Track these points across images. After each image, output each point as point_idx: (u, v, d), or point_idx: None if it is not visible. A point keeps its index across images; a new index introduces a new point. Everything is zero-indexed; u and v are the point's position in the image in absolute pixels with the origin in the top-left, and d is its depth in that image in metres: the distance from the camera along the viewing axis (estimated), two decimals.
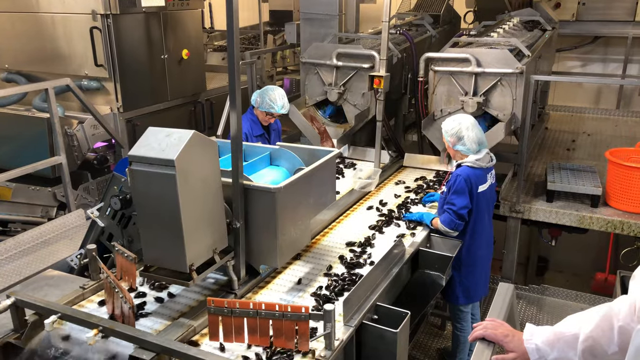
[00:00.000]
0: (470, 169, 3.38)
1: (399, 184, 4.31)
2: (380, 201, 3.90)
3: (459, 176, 3.36)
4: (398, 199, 4.00)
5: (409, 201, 3.90)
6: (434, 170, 4.58)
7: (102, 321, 2.28)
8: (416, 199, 3.94)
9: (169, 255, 2.42)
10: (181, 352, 2.07)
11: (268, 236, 2.66)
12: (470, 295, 3.60)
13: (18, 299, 2.43)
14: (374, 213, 3.74)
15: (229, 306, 2.19)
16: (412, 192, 4.11)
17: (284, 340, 2.20)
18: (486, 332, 1.62)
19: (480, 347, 1.58)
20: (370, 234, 3.38)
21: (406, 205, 3.82)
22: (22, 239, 3.97)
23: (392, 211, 3.72)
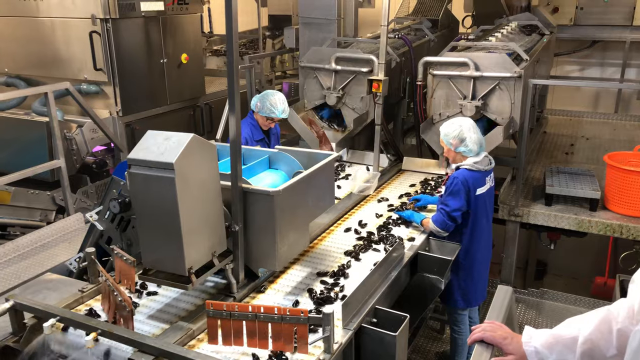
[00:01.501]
0: (468, 171, 3.39)
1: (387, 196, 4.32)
2: (381, 198, 3.91)
3: (456, 178, 3.37)
4: (401, 199, 4.01)
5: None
6: (433, 173, 4.58)
7: (100, 324, 2.28)
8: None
9: (168, 259, 2.42)
10: (180, 355, 2.07)
11: (267, 239, 2.66)
12: (468, 299, 3.60)
13: (17, 302, 2.43)
14: (371, 219, 3.73)
15: (228, 309, 2.19)
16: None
17: (283, 344, 2.19)
18: (485, 335, 1.62)
19: (479, 350, 1.58)
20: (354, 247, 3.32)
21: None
22: (21, 243, 3.96)
23: (382, 226, 3.63)
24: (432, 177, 4.49)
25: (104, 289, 2.54)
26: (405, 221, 3.58)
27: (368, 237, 3.37)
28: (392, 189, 4.32)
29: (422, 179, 4.46)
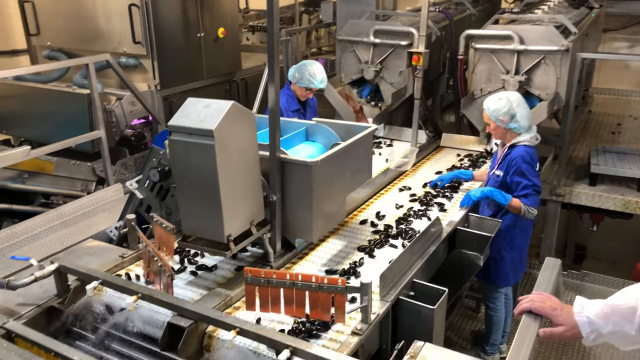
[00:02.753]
0: (529, 147, 3.31)
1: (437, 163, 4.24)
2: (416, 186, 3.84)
3: (522, 156, 3.25)
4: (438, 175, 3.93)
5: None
6: (473, 150, 4.47)
7: (141, 288, 2.31)
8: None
9: (207, 226, 2.43)
10: (219, 319, 2.09)
11: (304, 210, 2.65)
12: (507, 276, 3.52)
13: (61, 265, 2.49)
14: (406, 194, 3.65)
15: (266, 276, 2.19)
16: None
17: (320, 312, 2.19)
18: (533, 305, 1.57)
19: (526, 321, 1.53)
20: (403, 213, 3.32)
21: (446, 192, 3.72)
22: (64, 211, 4.07)
23: (429, 193, 3.63)
24: (471, 154, 4.38)
25: (144, 254, 2.58)
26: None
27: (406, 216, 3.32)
28: (431, 165, 4.25)
29: (461, 156, 4.36)
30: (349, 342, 2.11)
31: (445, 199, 3.52)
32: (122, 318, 2.34)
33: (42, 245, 3.67)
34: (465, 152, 4.44)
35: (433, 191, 3.64)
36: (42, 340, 2.17)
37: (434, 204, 3.43)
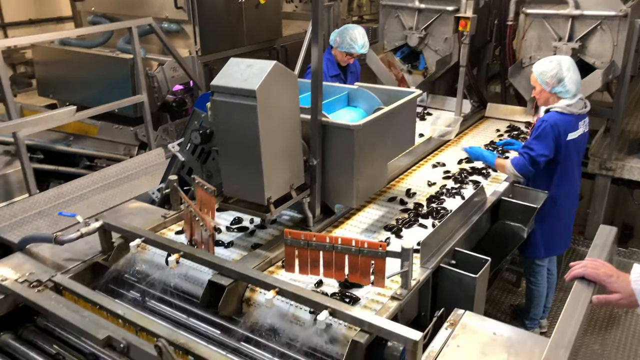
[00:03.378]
0: (559, 115, 3.13)
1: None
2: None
3: (545, 122, 3.12)
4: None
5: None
6: (518, 121, 4.32)
7: (183, 247, 2.34)
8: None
9: (248, 188, 2.44)
10: (258, 279, 2.10)
11: (345, 175, 2.62)
12: (550, 248, 3.42)
13: (105, 223, 2.54)
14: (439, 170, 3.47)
15: (306, 239, 2.18)
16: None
17: (360, 276, 2.17)
18: (586, 271, 1.50)
19: (579, 287, 1.47)
20: (435, 191, 3.18)
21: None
22: (107, 173, 4.15)
23: (464, 170, 3.41)
24: (517, 125, 4.23)
25: (186, 215, 2.60)
26: None
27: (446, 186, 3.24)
28: (474, 135, 4.13)
29: (507, 127, 4.22)
30: (389, 307, 2.09)
31: (482, 176, 3.34)
32: (164, 275, 2.38)
33: (87, 206, 3.76)
34: (509, 124, 4.29)
35: (469, 168, 3.45)
36: (88, 294, 2.24)
37: (469, 182, 3.25)
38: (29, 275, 2.38)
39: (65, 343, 2.30)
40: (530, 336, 1.98)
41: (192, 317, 2.31)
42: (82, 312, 2.11)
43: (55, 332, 2.34)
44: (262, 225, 2.74)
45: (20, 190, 3.95)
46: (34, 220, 3.53)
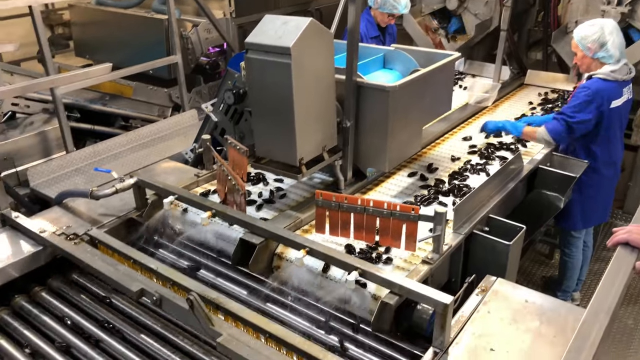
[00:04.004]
0: (602, 81, 2.99)
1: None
2: None
3: (587, 89, 2.99)
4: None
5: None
6: (559, 89, 4.17)
7: (215, 205, 2.36)
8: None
9: (280, 148, 2.42)
10: (289, 238, 2.10)
11: (378, 138, 2.58)
12: (587, 220, 3.33)
13: (140, 180, 2.57)
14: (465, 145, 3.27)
15: (337, 200, 2.17)
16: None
17: (391, 239, 2.15)
18: (631, 237, 1.45)
19: (622, 253, 1.42)
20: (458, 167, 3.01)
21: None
22: (142, 133, 4.19)
23: (491, 145, 3.22)
24: (557, 93, 4.08)
25: (218, 174, 2.61)
26: None
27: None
28: (511, 103, 4.00)
29: (546, 95, 4.07)
30: (419, 270, 2.07)
31: (510, 152, 3.13)
32: (196, 232, 2.41)
33: (122, 164, 3.82)
34: (549, 92, 4.14)
35: (496, 142, 3.26)
36: (122, 248, 2.28)
37: (495, 158, 3.06)
38: (66, 229, 2.44)
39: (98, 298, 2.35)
40: (563, 305, 1.94)
41: (221, 276, 2.34)
42: (117, 266, 2.15)
43: (87, 288, 2.39)
44: (270, 200, 2.69)
45: (58, 148, 4.03)
46: (70, 177, 3.61)
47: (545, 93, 4.12)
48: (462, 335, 1.80)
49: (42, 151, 3.99)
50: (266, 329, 1.77)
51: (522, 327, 1.81)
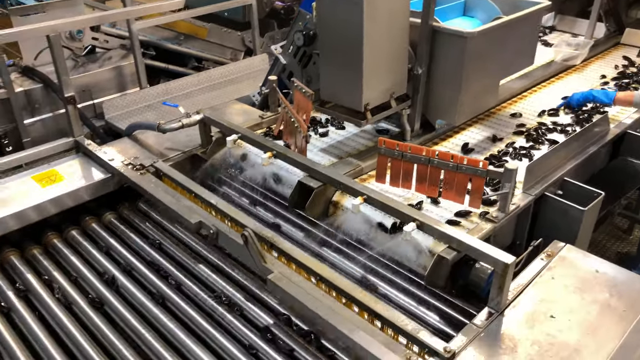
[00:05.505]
0: None
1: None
2: None
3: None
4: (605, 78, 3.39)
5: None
6: None
7: (276, 146, 2.34)
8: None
9: (346, 92, 2.35)
10: (347, 184, 2.05)
11: (451, 88, 2.44)
12: None
13: (206, 116, 2.59)
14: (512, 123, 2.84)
15: (401, 149, 2.08)
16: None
17: (454, 194, 2.05)
18: None
19: None
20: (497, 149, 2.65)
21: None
22: (213, 74, 4.24)
23: (542, 125, 2.78)
24: None
25: (282, 116, 2.58)
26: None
27: None
28: (601, 64, 3.67)
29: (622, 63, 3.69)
30: (482, 228, 1.97)
31: (564, 134, 2.66)
32: (256, 172, 2.41)
33: (191, 103, 3.89)
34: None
35: (550, 123, 2.79)
36: (185, 182, 2.32)
37: (545, 141, 2.61)
38: (133, 159, 2.51)
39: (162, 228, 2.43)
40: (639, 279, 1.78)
41: (277, 217, 2.34)
42: (179, 198, 2.20)
43: (151, 217, 2.47)
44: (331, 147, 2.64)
45: (132, 84, 4.17)
46: (142, 112, 3.72)
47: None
48: (521, 298, 1.71)
49: (117, 86, 4.13)
50: (317, 271, 1.76)
51: (588, 298, 1.69)
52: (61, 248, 2.21)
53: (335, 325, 1.56)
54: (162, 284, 1.99)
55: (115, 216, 2.43)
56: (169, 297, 1.93)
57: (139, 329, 1.79)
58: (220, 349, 1.72)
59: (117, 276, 2.04)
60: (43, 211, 2.24)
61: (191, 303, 1.90)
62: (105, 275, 2.04)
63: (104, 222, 2.39)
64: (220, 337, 1.75)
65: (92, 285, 2.01)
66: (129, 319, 1.83)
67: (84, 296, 1.95)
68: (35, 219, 2.23)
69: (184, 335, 1.76)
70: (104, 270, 2.07)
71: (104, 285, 1.99)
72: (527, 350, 1.53)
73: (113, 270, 2.07)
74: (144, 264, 2.10)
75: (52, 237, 2.26)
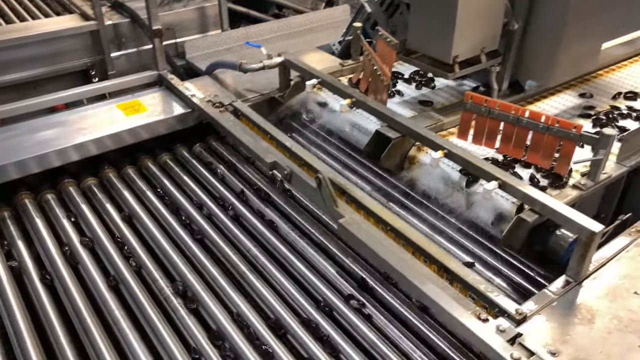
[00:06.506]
0: None
1: None
2: None
3: None
4: None
5: None
6: None
7: (356, 93, 2.29)
8: None
9: (434, 43, 2.26)
10: (427, 137, 1.99)
11: (548, 47, 2.28)
12: None
13: (287, 59, 2.58)
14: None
15: (488, 105, 1.98)
16: None
17: (540, 157, 1.94)
18: None
19: None
20: None
21: None
22: (293, 22, 4.19)
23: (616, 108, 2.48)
24: None
25: (364, 64, 2.52)
26: None
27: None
28: None
29: None
30: (567, 194, 1.87)
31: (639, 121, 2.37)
32: (333, 119, 2.39)
33: (270, 49, 3.86)
34: None
35: (625, 107, 2.46)
36: (262, 122, 2.33)
37: (615, 128, 2.31)
38: (213, 97, 2.54)
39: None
40: None
41: (350, 166, 2.31)
42: (255, 137, 2.21)
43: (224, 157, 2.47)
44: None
45: (214, 25, 4.19)
46: (223, 54, 3.74)
47: None
48: (603, 271, 1.61)
49: (199, 26, 4.17)
50: (388, 221, 1.73)
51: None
52: (135, 179, 2.20)
53: (404, 274, 1.54)
54: (231, 224, 1.97)
55: (187, 151, 2.43)
56: (237, 236, 1.89)
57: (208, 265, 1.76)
58: (276, 283, 1.70)
59: (183, 210, 2.04)
60: (124, 139, 2.30)
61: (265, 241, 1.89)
62: (172, 206, 2.03)
63: (176, 156, 2.40)
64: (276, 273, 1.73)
65: (163, 217, 2.00)
66: (200, 256, 1.81)
67: (160, 228, 1.96)
68: (116, 147, 2.28)
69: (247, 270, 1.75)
70: (173, 202, 2.07)
71: (174, 218, 1.97)
72: (606, 324, 1.45)
73: (185, 203, 2.07)
74: (212, 200, 2.08)
75: (127, 167, 2.26)
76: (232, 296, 1.62)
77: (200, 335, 1.50)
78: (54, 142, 2.16)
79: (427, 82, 2.66)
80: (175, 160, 2.36)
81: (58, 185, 2.12)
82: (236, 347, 1.46)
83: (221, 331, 1.51)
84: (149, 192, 2.11)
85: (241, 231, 1.88)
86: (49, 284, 1.70)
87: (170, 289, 1.64)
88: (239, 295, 1.63)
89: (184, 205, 2.03)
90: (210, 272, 1.72)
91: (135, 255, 1.79)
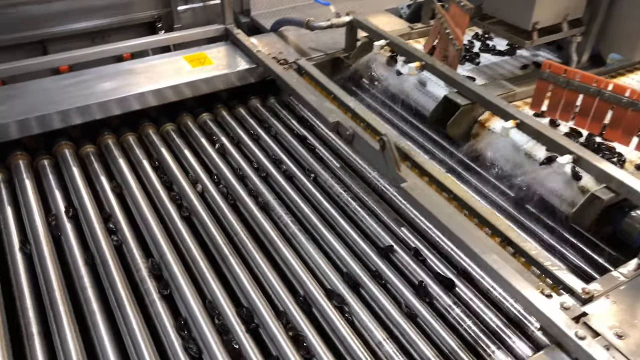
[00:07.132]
0: None
1: None
2: None
3: None
4: None
5: None
6: None
7: (425, 57, 2.22)
8: None
9: (513, 8, 2.14)
10: (499, 106, 1.90)
11: (638, 18, 2.12)
12: None
13: (355, 19, 2.51)
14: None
15: (567, 76, 1.87)
16: None
17: (620, 135, 1.83)
18: None
19: None
20: None
21: None
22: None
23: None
24: None
25: (435, 27, 2.44)
26: None
27: None
28: None
29: None
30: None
31: None
32: (399, 82, 2.32)
33: (337, 9, 3.79)
34: None
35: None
36: (325, 82, 2.29)
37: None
38: (278, 54, 2.51)
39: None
40: None
41: (415, 131, 2.26)
42: (319, 96, 2.18)
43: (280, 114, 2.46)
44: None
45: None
46: (288, 13, 3.69)
47: None
48: None
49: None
50: (452, 188, 1.69)
51: None
52: (192, 129, 2.23)
53: (466, 243, 1.49)
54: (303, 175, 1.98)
55: (245, 109, 2.43)
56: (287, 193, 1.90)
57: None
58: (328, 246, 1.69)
59: (238, 166, 2.03)
60: (191, 90, 2.31)
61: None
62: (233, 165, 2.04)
63: (234, 112, 2.40)
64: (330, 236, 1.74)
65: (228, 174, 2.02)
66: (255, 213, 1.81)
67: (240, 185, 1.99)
68: (179, 98, 2.30)
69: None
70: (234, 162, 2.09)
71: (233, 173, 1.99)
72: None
73: (240, 161, 2.07)
74: (267, 158, 2.08)
75: (186, 119, 2.28)
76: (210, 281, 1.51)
77: (168, 323, 1.40)
78: (124, 88, 2.19)
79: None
80: (232, 116, 2.36)
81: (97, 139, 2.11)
82: (203, 338, 1.36)
83: (189, 320, 1.40)
84: (209, 147, 2.13)
85: (293, 189, 1.89)
86: (27, 253, 1.61)
87: (147, 270, 1.54)
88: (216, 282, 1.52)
89: (238, 161, 2.03)
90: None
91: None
